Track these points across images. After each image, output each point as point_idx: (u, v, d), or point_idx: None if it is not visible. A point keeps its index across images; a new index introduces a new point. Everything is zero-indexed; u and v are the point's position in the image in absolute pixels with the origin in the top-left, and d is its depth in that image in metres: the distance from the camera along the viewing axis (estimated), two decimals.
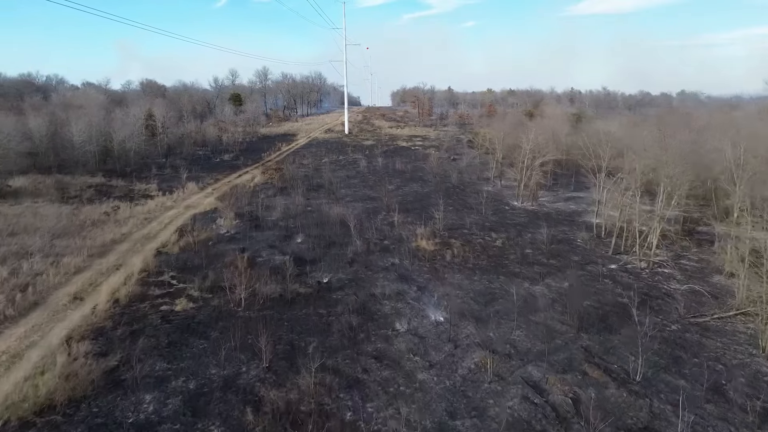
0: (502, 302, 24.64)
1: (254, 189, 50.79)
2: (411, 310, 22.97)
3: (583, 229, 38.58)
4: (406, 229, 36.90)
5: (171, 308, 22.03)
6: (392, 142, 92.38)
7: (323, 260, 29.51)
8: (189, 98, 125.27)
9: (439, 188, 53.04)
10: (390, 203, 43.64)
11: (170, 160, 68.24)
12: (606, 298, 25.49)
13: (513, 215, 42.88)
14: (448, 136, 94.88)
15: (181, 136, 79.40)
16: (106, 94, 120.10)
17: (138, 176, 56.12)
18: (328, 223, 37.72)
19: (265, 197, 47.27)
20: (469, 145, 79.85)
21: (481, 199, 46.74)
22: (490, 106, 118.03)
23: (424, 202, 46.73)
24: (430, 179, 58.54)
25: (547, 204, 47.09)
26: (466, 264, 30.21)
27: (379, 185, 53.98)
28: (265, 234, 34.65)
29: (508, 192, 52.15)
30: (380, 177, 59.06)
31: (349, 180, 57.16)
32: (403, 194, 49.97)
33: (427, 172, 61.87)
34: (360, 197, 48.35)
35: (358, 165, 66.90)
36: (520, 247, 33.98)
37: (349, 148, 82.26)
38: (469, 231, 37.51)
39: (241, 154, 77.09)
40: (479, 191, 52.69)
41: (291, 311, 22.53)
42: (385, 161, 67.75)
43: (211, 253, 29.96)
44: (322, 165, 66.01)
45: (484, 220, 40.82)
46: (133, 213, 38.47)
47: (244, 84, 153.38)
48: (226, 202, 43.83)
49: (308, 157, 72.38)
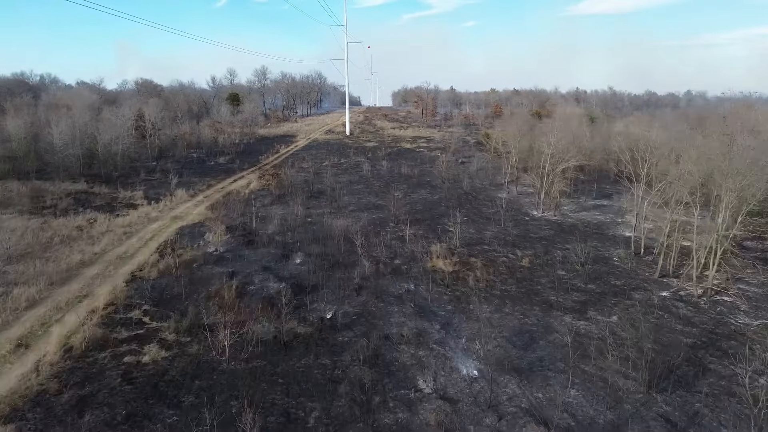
0: (543, 344, 20.14)
1: (249, 197, 46.21)
2: (436, 359, 18.44)
3: (617, 244, 34.10)
4: (418, 245, 32.40)
5: (137, 359, 17.48)
6: (396, 143, 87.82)
7: (326, 286, 24.98)
8: (185, 98, 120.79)
9: (450, 195, 48.52)
10: (398, 213, 39.13)
11: (161, 164, 63.61)
12: (667, 338, 20.99)
13: (536, 227, 38.34)
14: (454, 137, 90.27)
15: (174, 138, 74.75)
16: (100, 94, 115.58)
17: (124, 182, 51.51)
18: (331, 237, 33.19)
19: (261, 206, 42.72)
20: (478, 148, 75.30)
21: (498, 208, 42.27)
22: (497, 106, 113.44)
23: (435, 212, 42.23)
24: (439, 185, 54.02)
25: (571, 214, 42.55)
26: (493, 290, 25.70)
27: (384, 192, 49.49)
28: (259, 252, 30.09)
29: (525, 200, 47.62)
30: (386, 182, 54.54)
31: (352, 186, 52.63)
32: (411, 202, 45.45)
33: (435, 177, 57.32)
34: (365, 206, 43.83)
35: (361, 169, 62.36)
36: (551, 267, 29.48)
37: (351, 151, 77.70)
38: (490, 247, 33.01)
39: (237, 156, 72.46)
40: (494, 198, 48.19)
41: (287, 361, 18.01)
42: (389, 165, 63.19)
43: (195, 279, 25.39)
44: (322, 169, 61.44)
45: (505, 233, 36.31)
46: (112, 226, 33.89)
47: (242, 84, 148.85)
48: (217, 213, 39.29)
49: (308, 160, 67.80)
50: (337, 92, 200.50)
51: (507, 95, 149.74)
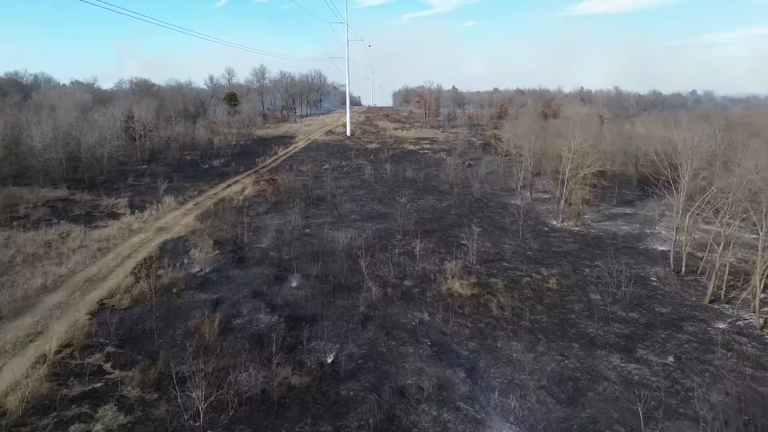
0: (592, 397, 16.35)
1: (243, 204, 42.39)
2: (465, 425, 14.63)
3: (653, 261, 30.34)
4: (430, 262, 28.64)
5: (87, 429, 13.67)
6: (398, 145, 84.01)
7: (326, 317, 21.20)
8: (182, 98, 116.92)
9: (460, 202, 44.73)
10: (406, 224, 35.34)
11: (152, 167, 59.78)
12: (739, 387, 17.20)
13: (558, 240, 34.54)
14: (458, 138, 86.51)
15: (167, 140, 70.92)
16: (93, 93, 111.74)
17: (109, 188, 47.67)
18: (332, 253, 29.40)
19: (255, 215, 38.93)
20: (485, 150, 71.46)
21: (514, 217, 38.54)
22: (502, 107, 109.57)
23: (446, 221, 38.44)
24: (447, 190, 50.22)
25: (594, 224, 38.72)
26: (521, 320, 21.92)
27: (389, 198, 45.70)
28: (250, 273, 26.28)
29: (541, 207, 43.81)
30: (390, 187, 50.74)
31: (354, 191, 48.82)
32: (418, 210, 41.65)
33: (442, 182, 53.52)
34: (368, 214, 40.02)
35: (363, 172, 58.53)
36: (582, 289, 25.70)
37: (352, 153, 73.90)
38: (510, 264, 29.22)
39: (233, 159, 68.62)
40: (507, 206, 44.41)
41: (278, 429, 14.21)
42: (393, 168, 59.34)
43: (173, 308, 21.59)
44: (322, 172, 57.64)
45: (525, 246, 32.52)
46: (87, 241, 30.08)
47: (241, 83, 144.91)
48: (206, 224, 35.51)
49: (307, 163, 63.96)
50: (337, 92, 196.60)
51: (510, 95, 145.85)
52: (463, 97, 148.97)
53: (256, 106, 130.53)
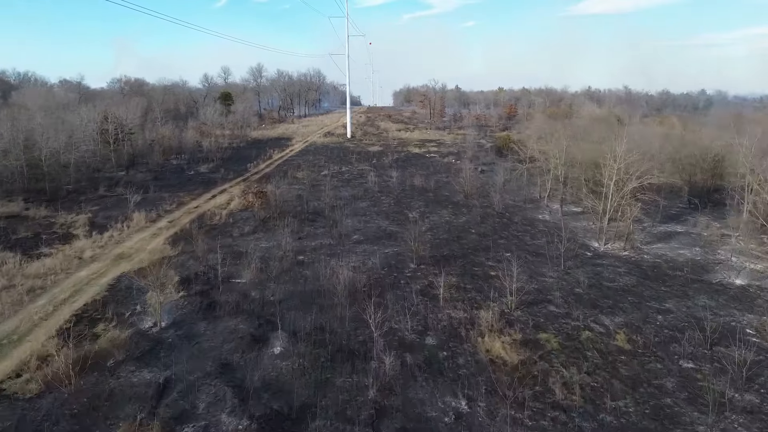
0: None
1: (226, 221, 35.60)
2: None
3: (737, 301, 23.59)
4: (457, 307, 21.90)
5: None
6: (402, 148, 77.20)
7: (321, 413, 14.42)
8: (174, 97, 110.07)
9: (480, 218, 37.91)
10: (419, 248, 28.53)
11: (130, 175, 52.96)
12: None
13: (608, 270, 27.73)
14: (467, 141, 79.72)
15: (151, 143, 64.05)
16: (80, 92, 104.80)
17: (74, 201, 40.81)
18: (330, 293, 22.63)
19: (239, 236, 32.15)
20: (499, 154, 64.61)
21: (546, 237, 31.88)
22: (511, 106, 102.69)
23: (466, 242, 31.69)
24: (461, 201, 43.47)
25: (644, 246, 31.94)
26: (598, 412, 15.14)
27: (397, 212, 38.94)
28: (220, 328, 19.45)
29: (575, 224, 37.00)
30: (396, 198, 43.93)
31: (357, 203, 42.02)
32: (432, 227, 34.89)
33: (455, 191, 46.76)
34: (374, 234, 33.25)
35: (365, 179, 51.71)
36: (665, 350, 18.94)
37: (353, 157, 67.06)
38: (559, 308, 22.43)
39: (222, 164, 61.80)
40: (534, 221, 37.64)
41: None
42: (399, 174, 52.52)
43: (97, 399, 14.75)
44: (320, 180, 50.83)
45: (569, 279, 25.74)
46: (17, 278, 23.27)
47: (237, 82, 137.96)
48: (177, 249, 28.74)
49: (304, 169, 57.11)
50: (336, 91, 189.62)
51: (516, 94, 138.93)
52: (468, 97, 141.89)
53: (252, 106, 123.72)
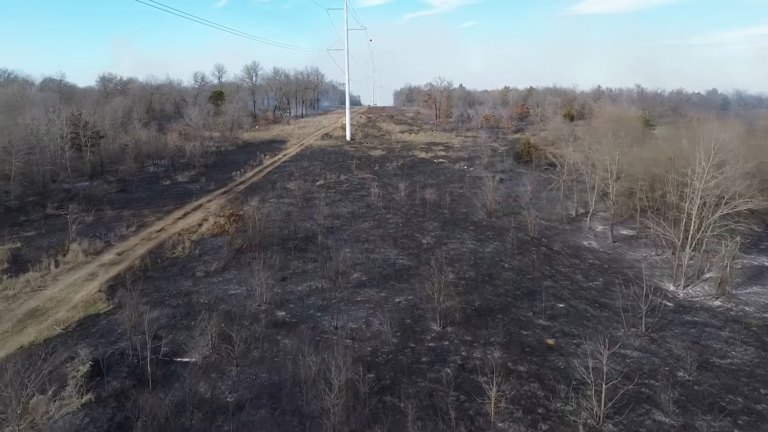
0: None
1: (192, 253, 27.61)
2: None
3: None
4: (515, 420, 13.95)
5: None
6: (407, 152, 69.08)
7: None
8: (161, 97, 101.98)
9: (511, 244, 29.87)
10: (444, 299, 20.44)
11: (94, 186, 44.94)
12: None
13: (709, 335, 19.67)
14: (478, 144, 71.57)
15: (124, 148, 55.96)
16: (60, 91, 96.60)
17: (11, 223, 32.79)
18: (317, 395, 14.64)
19: (204, 276, 24.16)
20: (516, 159, 56.48)
21: (604, 274, 24.01)
22: (523, 106, 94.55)
23: (502, 285, 23.66)
24: (484, 220, 35.51)
25: (740, 291, 23.88)
26: None
27: (407, 236, 30.99)
28: None
29: (632, 255, 28.98)
30: (406, 217, 35.91)
31: (357, 223, 34.03)
32: (453, 258, 26.89)
33: (474, 207, 38.80)
34: (379, 271, 25.26)
35: (367, 192, 43.66)
36: None
37: (353, 163, 58.92)
38: (670, 418, 14.46)
39: (205, 171, 53.81)
40: (580, 251, 29.64)
41: None
42: (406, 184, 44.39)
43: None
44: (314, 192, 42.83)
45: (662, 354, 17.76)
46: None
47: (232, 81, 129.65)
48: (115, 300, 20.75)
49: (296, 178, 49.08)
50: (336, 91, 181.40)
51: (522, 94, 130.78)
52: (473, 97, 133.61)
53: (247, 105, 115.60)
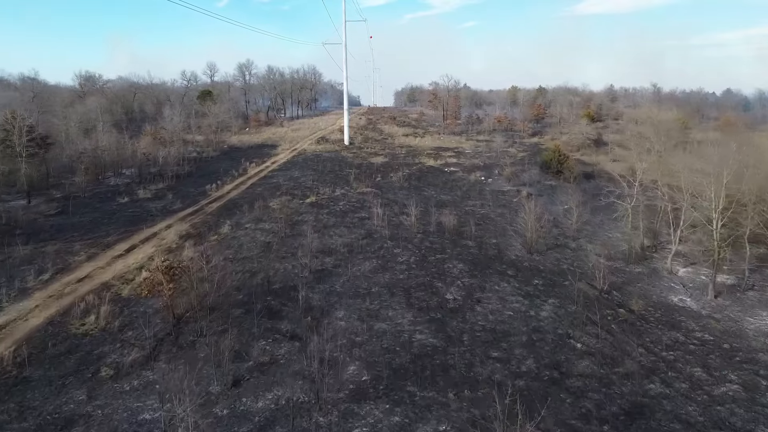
0: None
1: (108, 325, 18.34)
2: None
3: None
4: None
5: None
6: (413, 159, 59.78)
7: None
8: (143, 97, 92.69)
9: (575, 304, 20.61)
10: (487, 409, 11.19)
11: (31, 206, 35.69)
12: None
13: None
14: (492, 149, 62.30)
15: (80, 156, 46.63)
16: (33, 90, 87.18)
17: None
18: None
19: (111, 377, 14.87)
20: (545, 169, 47.10)
21: (729, 363, 14.72)
22: (540, 107, 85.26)
23: (580, 394, 14.37)
24: (525, 259, 26.28)
25: None
26: None
27: (424, 286, 21.76)
28: None
29: (753, 323, 19.78)
30: (420, 254, 26.63)
31: (355, 263, 24.75)
32: (496, 333, 17.65)
33: (506, 235, 29.61)
34: (389, 357, 15.98)
35: (368, 211, 34.38)
36: None
37: (351, 173, 49.61)
38: None
39: (175, 184, 44.64)
40: (672, 315, 20.42)
41: None
42: (415, 200, 34.94)
43: None
44: (302, 214, 33.62)
45: None
46: None
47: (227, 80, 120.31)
48: None
49: (282, 193, 39.85)
50: (334, 90, 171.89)
51: (533, 93, 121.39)
52: (480, 97, 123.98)
53: (238, 106, 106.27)
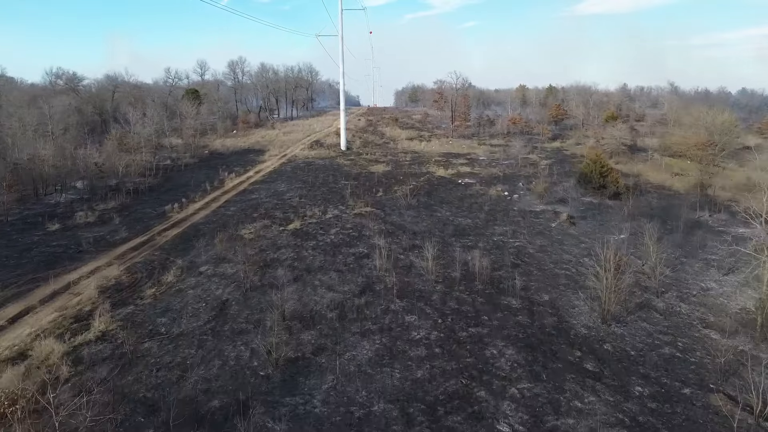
0: None
1: None
2: None
3: None
4: None
5: None
6: (420, 167, 50.83)
7: None
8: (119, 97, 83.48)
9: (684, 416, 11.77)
10: None
11: None
12: None
13: None
14: (510, 155, 53.31)
15: (14, 167, 37.57)
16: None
17: None
18: None
19: None
20: (584, 183, 37.96)
21: None
22: (558, 107, 76.29)
23: None
24: (601, 336, 17.41)
25: None
26: None
27: (458, 400, 12.86)
28: None
29: None
30: (445, 326, 17.72)
31: (347, 342, 15.86)
32: None
33: (558, 287, 20.72)
34: None
35: (367, 245, 25.45)
36: None
37: (347, 187, 40.60)
38: None
39: (130, 203, 35.75)
40: None
41: None
42: (431, 229, 26.05)
43: None
44: (280, 249, 24.75)
45: None
46: None
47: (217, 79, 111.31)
48: None
49: (260, 217, 30.95)
50: (332, 90, 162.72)
51: (543, 92, 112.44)
52: (487, 96, 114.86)
53: (230, 106, 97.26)
